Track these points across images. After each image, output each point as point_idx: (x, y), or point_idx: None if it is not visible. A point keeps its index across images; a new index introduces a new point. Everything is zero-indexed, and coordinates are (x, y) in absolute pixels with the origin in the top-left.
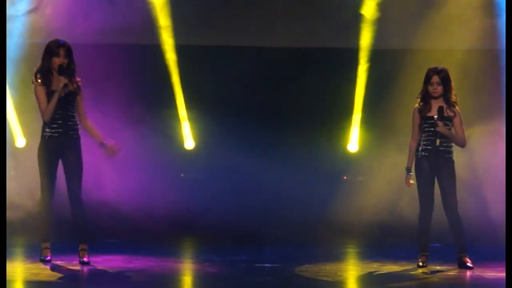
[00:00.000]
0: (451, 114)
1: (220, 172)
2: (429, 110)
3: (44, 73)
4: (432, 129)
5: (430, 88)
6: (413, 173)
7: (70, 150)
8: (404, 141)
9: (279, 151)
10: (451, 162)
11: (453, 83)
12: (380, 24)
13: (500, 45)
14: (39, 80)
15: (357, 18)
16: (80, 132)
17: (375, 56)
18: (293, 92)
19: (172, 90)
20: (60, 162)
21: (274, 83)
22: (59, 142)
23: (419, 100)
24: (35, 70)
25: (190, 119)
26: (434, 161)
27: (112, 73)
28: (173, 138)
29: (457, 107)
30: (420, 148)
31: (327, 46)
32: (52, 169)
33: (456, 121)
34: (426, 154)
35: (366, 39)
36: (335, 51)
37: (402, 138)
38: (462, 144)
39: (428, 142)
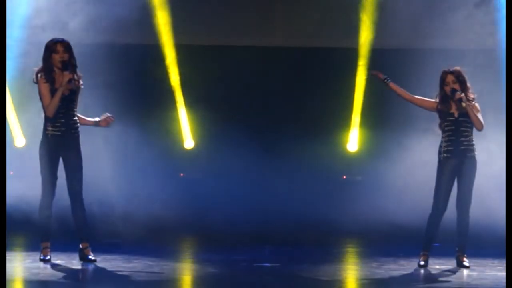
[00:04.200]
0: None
1: (220, 172)
2: (449, 109)
3: (46, 72)
4: (453, 127)
5: (447, 89)
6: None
7: (71, 149)
8: (403, 141)
9: (279, 150)
10: (474, 161)
11: (469, 83)
12: (380, 24)
13: (500, 45)
14: (42, 78)
15: (357, 18)
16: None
17: (375, 56)
18: (293, 92)
19: (172, 90)
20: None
21: (274, 83)
22: (62, 141)
23: (437, 103)
24: (36, 70)
25: (189, 119)
26: (457, 161)
27: (111, 73)
28: (173, 138)
29: (476, 104)
30: (441, 150)
31: (327, 46)
32: (54, 168)
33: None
34: (449, 155)
35: (366, 39)
36: (335, 51)
37: (402, 138)
38: (480, 125)
39: (449, 143)
